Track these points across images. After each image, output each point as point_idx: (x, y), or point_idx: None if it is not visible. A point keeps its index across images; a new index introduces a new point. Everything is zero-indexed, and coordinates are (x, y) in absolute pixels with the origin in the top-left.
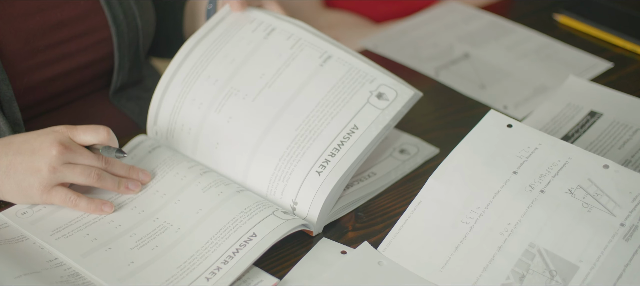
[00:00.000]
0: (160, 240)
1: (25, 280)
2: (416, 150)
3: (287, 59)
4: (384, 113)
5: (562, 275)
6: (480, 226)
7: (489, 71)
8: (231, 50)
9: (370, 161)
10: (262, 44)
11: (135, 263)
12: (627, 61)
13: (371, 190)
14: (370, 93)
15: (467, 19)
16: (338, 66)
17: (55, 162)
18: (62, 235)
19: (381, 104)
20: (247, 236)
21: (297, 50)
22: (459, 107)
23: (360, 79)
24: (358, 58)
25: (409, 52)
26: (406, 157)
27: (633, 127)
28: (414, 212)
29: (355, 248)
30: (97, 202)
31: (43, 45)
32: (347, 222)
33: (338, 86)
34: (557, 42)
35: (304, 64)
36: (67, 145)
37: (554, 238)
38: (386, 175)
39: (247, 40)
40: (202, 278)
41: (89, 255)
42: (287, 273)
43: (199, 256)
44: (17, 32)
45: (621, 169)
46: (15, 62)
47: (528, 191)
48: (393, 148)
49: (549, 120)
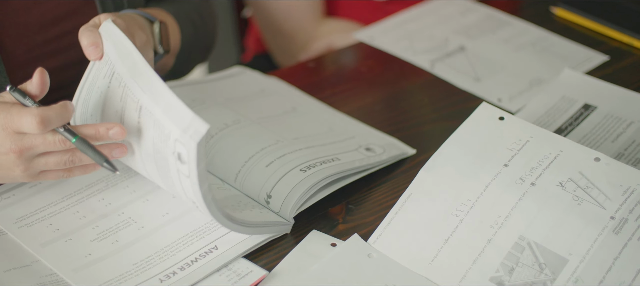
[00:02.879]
0: (121, 235)
1: (15, 275)
2: (382, 151)
3: None
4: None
5: (551, 268)
6: (471, 219)
7: (485, 64)
8: None
9: (335, 150)
10: None
11: (92, 255)
12: (623, 54)
13: (335, 172)
14: (359, 145)
15: (463, 11)
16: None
17: (22, 163)
18: (26, 224)
19: (368, 153)
20: (208, 248)
21: None
22: (453, 100)
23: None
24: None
25: (404, 45)
26: (371, 154)
27: (627, 120)
28: (404, 204)
29: (345, 240)
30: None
31: (40, 39)
32: (338, 214)
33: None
34: (553, 35)
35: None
36: (20, 147)
37: (544, 231)
38: (350, 162)
39: None
40: (155, 279)
41: (48, 245)
42: (276, 265)
43: (157, 257)
44: (16, 26)
45: (612, 162)
46: (13, 56)
47: (518, 184)
48: (359, 145)
49: (543, 113)
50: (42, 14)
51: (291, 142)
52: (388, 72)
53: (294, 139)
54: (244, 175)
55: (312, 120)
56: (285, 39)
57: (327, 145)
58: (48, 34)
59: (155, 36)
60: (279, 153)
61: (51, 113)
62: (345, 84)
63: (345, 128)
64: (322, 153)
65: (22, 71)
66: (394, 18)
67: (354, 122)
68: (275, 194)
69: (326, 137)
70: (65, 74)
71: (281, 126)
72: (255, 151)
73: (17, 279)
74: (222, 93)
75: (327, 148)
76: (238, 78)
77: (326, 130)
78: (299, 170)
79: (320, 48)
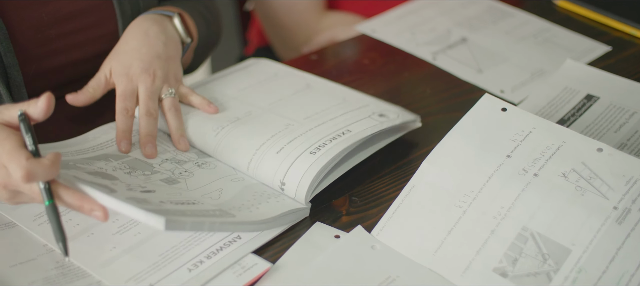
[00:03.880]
0: (142, 227)
1: (21, 269)
2: (396, 116)
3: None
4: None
5: (554, 258)
6: (474, 210)
7: (487, 55)
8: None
9: (347, 121)
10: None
11: (117, 248)
12: (625, 44)
13: (346, 147)
14: (372, 112)
15: (465, 3)
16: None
17: (7, 193)
18: (45, 220)
19: (381, 119)
20: (232, 237)
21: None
22: (456, 92)
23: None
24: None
25: (406, 37)
26: (384, 119)
27: (629, 111)
28: (407, 196)
29: (348, 232)
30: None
31: (54, 34)
32: (341, 206)
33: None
34: (555, 26)
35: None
36: (5, 182)
37: (547, 221)
38: (362, 131)
39: None
40: (183, 269)
41: (71, 241)
42: (280, 258)
43: (182, 247)
44: (30, 20)
45: (615, 152)
46: (27, 49)
47: (521, 175)
48: (372, 112)
49: (546, 104)
50: (57, 10)
51: (302, 123)
52: (390, 64)
53: (305, 119)
54: (256, 163)
55: (326, 93)
56: (287, 32)
57: (338, 117)
58: (62, 29)
59: (179, 29)
60: (288, 137)
61: (39, 169)
62: (348, 76)
63: (361, 98)
64: (333, 128)
65: (35, 65)
66: (396, 10)
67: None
68: (289, 181)
69: (339, 108)
70: (78, 70)
71: (293, 107)
72: (266, 139)
73: (23, 272)
74: (237, 84)
75: (339, 121)
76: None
77: (340, 101)
78: (308, 153)
79: (322, 41)
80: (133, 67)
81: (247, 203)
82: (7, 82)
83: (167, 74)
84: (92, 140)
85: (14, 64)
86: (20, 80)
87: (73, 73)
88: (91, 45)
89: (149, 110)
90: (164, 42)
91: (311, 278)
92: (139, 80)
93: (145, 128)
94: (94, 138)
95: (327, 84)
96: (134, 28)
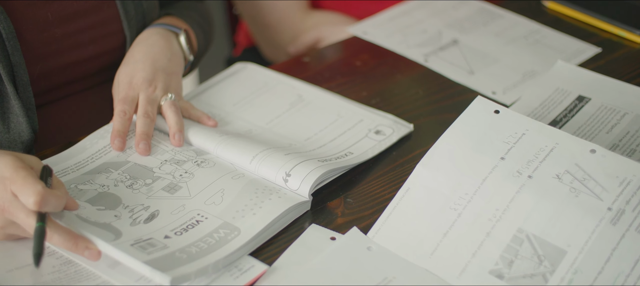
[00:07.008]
0: None
1: (17, 274)
2: (391, 131)
3: None
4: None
5: (550, 260)
6: (469, 213)
7: (478, 57)
8: None
9: (347, 142)
10: None
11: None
12: (615, 46)
13: (349, 165)
14: (368, 130)
15: (455, 5)
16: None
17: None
18: None
19: (379, 137)
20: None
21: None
22: (447, 93)
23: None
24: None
25: (397, 39)
26: (382, 138)
27: (621, 112)
28: (402, 198)
29: (344, 233)
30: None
31: (59, 33)
32: (336, 208)
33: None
34: (545, 28)
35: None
36: (6, 206)
37: (542, 223)
38: (363, 153)
39: None
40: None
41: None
42: (276, 260)
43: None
44: (36, 19)
45: (608, 153)
46: (32, 48)
47: (516, 176)
48: (369, 130)
49: (538, 105)
50: (62, 8)
51: (303, 144)
52: (382, 66)
53: (305, 140)
54: (262, 158)
55: (320, 108)
56: (272, 31)
57: (337, 137)
58: (68, 28)
59: (184, 47)
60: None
61: (52, 199)
62: (340, 78)
63: (354, 112)
64: (335, 150)
65: (40, 64)
66: (387, 12)
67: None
68: (295, 173)
69: (336, 127)
70: (81, 68)
71: (292, 126)
72: (273, 144)
73: (20, 277)
74: (231, 97)
75: (339, 143)
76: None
77: (335, 117)
78: (317, 161)
79: (308, 40)
80: (136, 77)
81: (250, 204)
82: (14, 81)
83: (168, 87)
84: (89, 148)
85: (20, 63)
86: (26, 79)
87: (77, 72)
88: (96, 44)
89: (147, 112)
90: (169, 58)
91: (308, 279)
92: (140, 89)
93: (141, 128)
94: (92, 145)
95: (318, 95)
96: (141, 42)
